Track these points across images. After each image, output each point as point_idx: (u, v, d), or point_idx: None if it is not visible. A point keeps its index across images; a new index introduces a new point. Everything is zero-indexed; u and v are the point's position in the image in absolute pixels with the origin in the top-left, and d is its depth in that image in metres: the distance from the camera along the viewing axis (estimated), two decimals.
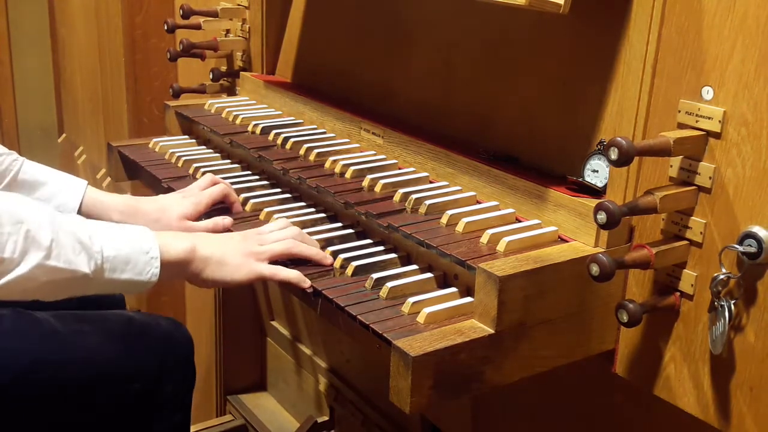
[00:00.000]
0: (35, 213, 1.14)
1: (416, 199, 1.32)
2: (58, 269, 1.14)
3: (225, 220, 1.45)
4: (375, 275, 1.20)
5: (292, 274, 1.25)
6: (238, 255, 1.29)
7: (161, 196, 1.54)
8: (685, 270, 1.09)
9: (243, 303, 2.31)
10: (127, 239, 1.22)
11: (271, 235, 1.33)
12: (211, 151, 1.79)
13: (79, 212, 1.47)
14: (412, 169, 1.48)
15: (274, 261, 1.30)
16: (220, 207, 1.51)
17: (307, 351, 2.14)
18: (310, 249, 1.30)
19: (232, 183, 1.57)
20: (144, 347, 1.44)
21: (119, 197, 1.52)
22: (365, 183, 1.42)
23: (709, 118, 1.04)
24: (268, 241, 1.31)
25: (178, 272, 1.28)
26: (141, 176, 1.74)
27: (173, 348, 1.49)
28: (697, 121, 1.05)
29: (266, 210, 1.46)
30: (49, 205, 1.42)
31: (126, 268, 1.21)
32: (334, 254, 1.29)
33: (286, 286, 1.27)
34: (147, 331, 1.47)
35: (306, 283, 1.23)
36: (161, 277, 1.24)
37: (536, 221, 1.25)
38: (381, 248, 1.32)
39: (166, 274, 1.25)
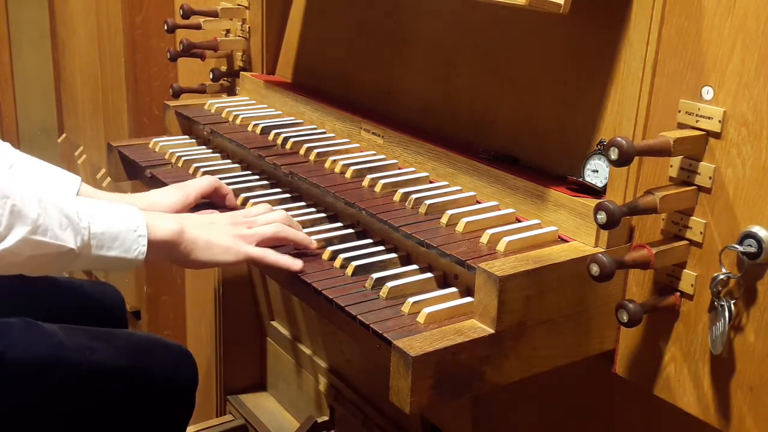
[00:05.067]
0: (21, 188, 1.14)
1: (416, 199, 1.32)
2: (44, 243, 1.14)
3: (212, 211, 1.45)
4: (375, 275, 1.20)
5: (281, 258, 1.26)
6: (226, 237, 1.30)
7: (152, 190, 1.55)
8: (685, 270, 1.09)
9: (243, 303, 2.31)
10: (115, 216, 1.22)
11: (259, 218, 1.34)
12: (211, 151, 1.79)
13: None
14: (412, 169, 1.48)
15: (262, 244, 1.31)
16: (213, 205, 1.51)
17: (307, 351, 2.14)
18: (297, 234, 1.32)
19: (232, 183, 1.57)
20: (148, 373, 1.45)
21: (112, 196, 1.52)
22: (365, 183, 1.42)
23: (709, 118, 1.04)
24: (256, 224, 1.32)
25: (166, 253, 1.28)
26: (141, 176, 1.74)
27: (176, 378, 1.50)
28: (697, 121, 1.05)
29: None
30: None
31: (113, 245, 1.21)
32: (334, 254, 1.29)
33: (275, 269, 1.27)
34: (153, 357, 1.48)
35: (297, 265, 1.24)
36: (148, 256, 1.24)
37: (536, 221, 1.25)
38: (381, 248, 1.32)
39: (153, 253, 1.24)
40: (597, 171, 1.23)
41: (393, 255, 1.29)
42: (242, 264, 1.32)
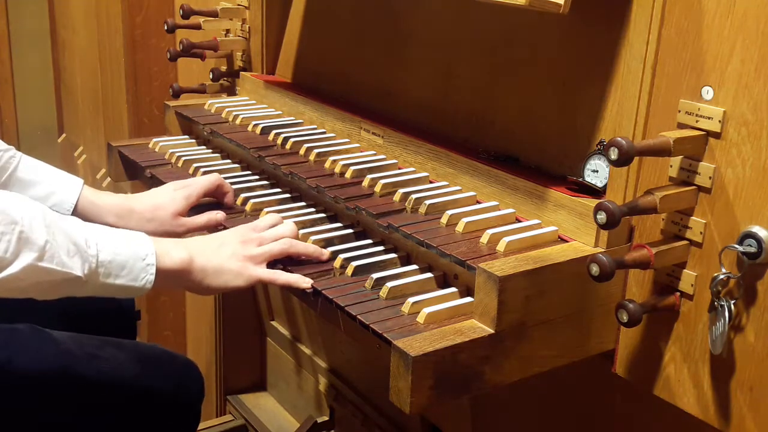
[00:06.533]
0: (30, 214, 1.13)
1: (416, 199, 1.32)
2: (51, 270, 1.13)
3: (218, 214, 1.46)
4: (375, 275, 1.20)
5: (291, 277, 1.25)
6: (235, 261, 1.28)
7: (154, 190, 1.54)
8: (685, 270, 1.09)
9: (243, 303, 2.31)
10: (124, 244, 1.21)
11: (268, 234, 1.32)
12: (210, 151, 1.79)
13: (74, 212, 1.47)
14: (412, 169, 1.48)
15: (273, 260, 1.30)
16: (215, 203, 1.51)
17: (307, 351, 2.14)
18: (308, 247, 1.30)
19: (232, 183, 1.57)
20: (153, 384, 1.46)
21: (113, 198, 1.51)
22: (365, 183, 1.42)
23: (709, 118, 1.04)
24: (265, 241, 1.31)
25: (175, 281, 1.27)
26: (141, 176, 1.74)
27: (181, 390, 1.50)
28: (697, 121, 1.05)
29: (266, 210, 1.46)
30: (44, 203, 1.42)
31: (121, 273, 1.20)
32: (334, 254, 1.29)
33: (286, 288, 1.27)
34: (159, 368, 1.48)
35: (306, 283, 1.23)
36: (156, 284, 1.23)
37: (536, 221, 1.25)
38: (381, 248, 1.32)
39: (161, 281, 1.23)
40: (597, 171, 1.23)
41: (393, 255, 1.29)
42: (254, 286, 1.31)
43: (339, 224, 1.42)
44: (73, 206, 1.47)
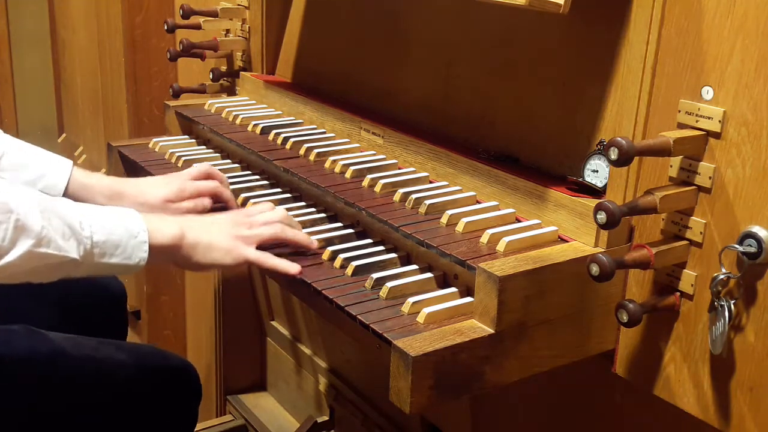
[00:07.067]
0: (25, 201, 1.14)
1: (416, 198, 1.32)
2: (48, 255, 1.14)
3: (205, 200, 1.46)
4: (375, 275, 1.20)
5: (280, 262, 1.26)
6: (226, 239, 1.29)
7: (147, 178, 1.54)
8: (685, 270, 1.09)
9: (243, 303, 2.31)
10: (117, 223, 1.22)
11: (259, 217, 1.33)
12: (211, 151, 1.79)
13: (65, 194, 1.47)
14: (412, 169, 1.48)
15: (262, 245, 1.31)
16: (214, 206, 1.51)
17: (307, 351, 2.14)
18: (297, 234, 1.31)
19: (232, 183, 1.57)
20: (151, 385, 1.45)
21: (104, 180, 1.51)
22: (365, 183, 1.42)
23: (709, 118, 1.04)
24: (256, 224, 1.32)
25: (166, 257, 1.28)
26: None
27: (180, 391, 1.50)
28: (697, 121, 1.05)
29: None
30: (35, 186, 1.42)
31: (115, 252, 1.21)
32: (334, 254, 1.29)
33: (274, 272, 1.27)
34: (156, 370, 1.48)
35: (295, 268, 1.24)
36: (149, 261, 1.24)
37: (536, 221, 1.25)
38: (381, 248, 1.32)
39: (154, 257, 1.25)
40: (597, 171, 1.23)
41: (393, 255, 1.29)
42: (242, 266, 1.32)
43: (339, 224, 1.42)
44: (64, 188, 1.47)
